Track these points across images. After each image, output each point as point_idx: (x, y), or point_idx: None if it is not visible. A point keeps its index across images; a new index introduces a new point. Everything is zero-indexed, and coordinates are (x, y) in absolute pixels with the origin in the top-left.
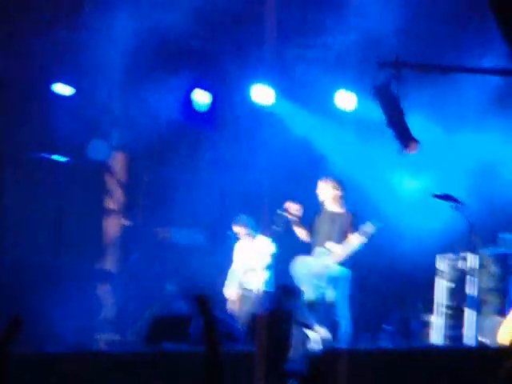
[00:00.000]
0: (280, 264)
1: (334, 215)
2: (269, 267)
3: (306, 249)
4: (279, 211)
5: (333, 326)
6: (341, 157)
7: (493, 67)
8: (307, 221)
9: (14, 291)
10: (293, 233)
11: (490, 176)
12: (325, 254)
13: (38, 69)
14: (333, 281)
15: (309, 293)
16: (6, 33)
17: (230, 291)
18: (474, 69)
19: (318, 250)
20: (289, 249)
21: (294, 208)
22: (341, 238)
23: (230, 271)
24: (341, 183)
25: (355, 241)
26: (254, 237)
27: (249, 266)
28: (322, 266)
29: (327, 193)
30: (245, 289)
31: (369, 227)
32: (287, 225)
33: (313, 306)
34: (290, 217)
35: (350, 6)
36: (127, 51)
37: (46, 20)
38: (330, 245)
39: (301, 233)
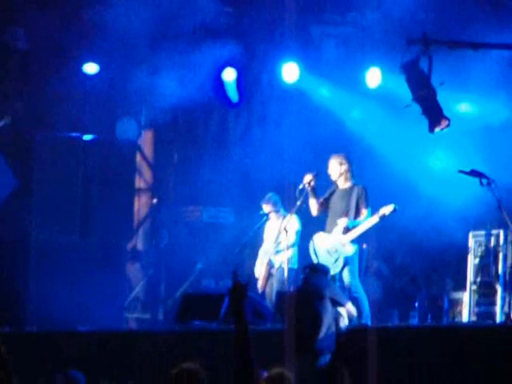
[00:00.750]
0: (305, 241)
1: (344, 191)
2: (294, 245)
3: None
4: (300, 186)
5: (353, 303)
6: (369, 134)
7: None
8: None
9: (42, 272)
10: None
11: None
12: (339, 232)
13: (66, 48)
14: (346, 259)
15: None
16: (33, 16)
17: (260, 270)
18: (502, 44)
19: (333, 227)
20: (313, 224)
21: (307, 178)
22: (354, 214)
23: (260, 250)
24: (347, 157)
25: (370, 221)
26: (282, 215)
27: (277, 244)
28: (336, 244)
29: (335, 169)
30: (273, 267)
31: (387, 209)
32: (307, 199)
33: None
34: (306, 187)
35: None
36: (155, 29)
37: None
38: (343, 222)
39: (312, 206)
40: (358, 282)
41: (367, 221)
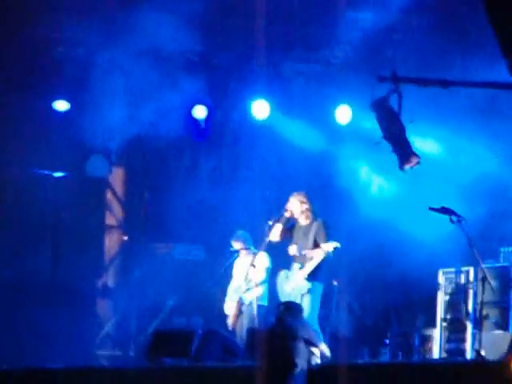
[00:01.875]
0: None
1: (305, 228)
2: (263, 282)
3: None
4: (270, 222)
5: None
6: (340, 170)
7: (492, 81)
8: None
9: (14, 308)
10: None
11: (488, 189)
12: (297, 270)
13: (36, 86)
14: (302, 297)
15: None
16: (3, 53)
17: (229, 306)
18: (472, 82)
19: (293, 265)
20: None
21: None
22: (312, 249)
23: (229, 287)
24: (307, 195)
25: (317, 256)
26: (252, 252)
27: (247, 281)
28: (294, 283)
29: (296, 207)
30: (243, 304)
31: (330, 246)
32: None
33: None
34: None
35: (347, 21)
36: (126, 66)
37: (43, 37)
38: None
39: (276, 231)
40: (314, 321)
41: (315, 256)
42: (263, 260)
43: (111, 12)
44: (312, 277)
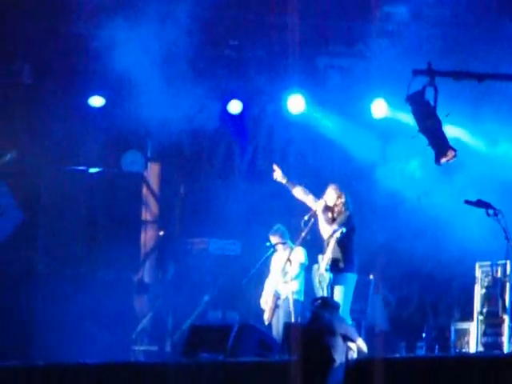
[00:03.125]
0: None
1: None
2: (297, 276)
3: None
4: (305, 217)
5: None
6: (375, 164)
7: None
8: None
9: (48, 305)
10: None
11: None
12: (321, 260)
13: (71, 82)
14: (329, 288)
15: None
16: (38, 51)
17: (266, 301)
18: (508, 75)
19: (319, 257)
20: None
21: (321, 205)
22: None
23: (266, 281)
24: (344, 190)
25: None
26: (289, 246)
27: (283, 275)
28: (320, 275)
29: (332, 199)
30: (279, 298)
31: (337, 230)
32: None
33: None
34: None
35: (382, 14)
36: (161, 61)
37: (78, 33)
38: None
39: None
40: (345, 309)
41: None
42: (299, 255)
43: (146, 6)
44: (339, 268)
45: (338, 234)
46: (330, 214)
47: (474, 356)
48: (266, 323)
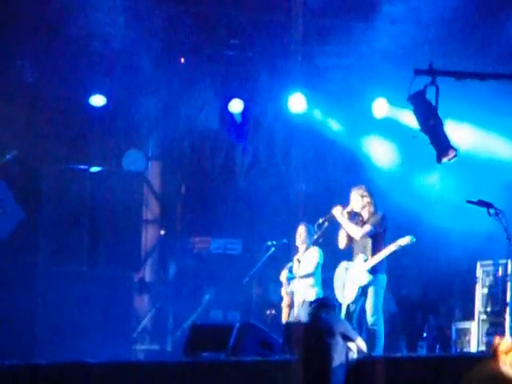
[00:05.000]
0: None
1: (366, 221)
2: (311, 276)
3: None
4: (320, 220)
5: (368, 334)
6: (376, 164)
7: None
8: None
9: (50, 303)
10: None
11: None
12: (361, 262)
13: (72, 81)
14: (366, 289)
15: (346, 299)
16: (40, 49)
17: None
18: (509, 75)
19: (357, 257)
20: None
21: (337, 210)
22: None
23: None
24: (368, 188)
25: (387, 250)
26: (308, 246)
27: (299, 274)
28: (355, 275)
29: (357, 202)
30: (293, 298)
31: (404, 240)
32: (326, 233)
33: (349, 313)
34: (338, 219)
35: (383, 14)
36: (162, 61)
37: (79, 32)
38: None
39: (342, 238)
40: (379, 314)
41: (384, 249)
42: (314, 254)
43: (147, 7)
44: (374, 269)
45: (403, 243)
46: (360, 218)
47: (475, 355)
48: (284, 321)
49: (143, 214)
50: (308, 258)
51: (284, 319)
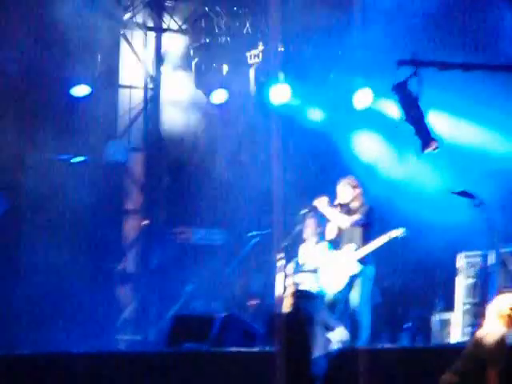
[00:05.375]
0: None
1: (356, 211)
2: (318, 271)
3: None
4: (303, 211)
5: (353, 325)
6: (356, 154)
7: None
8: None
9: (32, 293)
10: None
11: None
12: (350, 251)
13: (54, 71)
14: (353, 280)
15: (331, 290)
16: (22, 40)
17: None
18: (493, 66)
19: (345, 246)
20: None
21: (322, 201)
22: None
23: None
24: (358, 180)
25: (378, 241)
26: (316, 238)
27: (307, 268)
28: (343, 264)
29: (349, 194)
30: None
31: (397, 232)
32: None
33: (334, 304)
34: (321, 210)
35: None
36: None
37: (60, 22)
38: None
39: (329, 228)
40: (365, 306)
41: (376, 240)
42: (324, 251)
43: None
44: (363, 260)
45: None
46: (346, 209)
47: (455, 346)
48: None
49: (125, 204)
50: (317, 252)
51: (286, 309)
